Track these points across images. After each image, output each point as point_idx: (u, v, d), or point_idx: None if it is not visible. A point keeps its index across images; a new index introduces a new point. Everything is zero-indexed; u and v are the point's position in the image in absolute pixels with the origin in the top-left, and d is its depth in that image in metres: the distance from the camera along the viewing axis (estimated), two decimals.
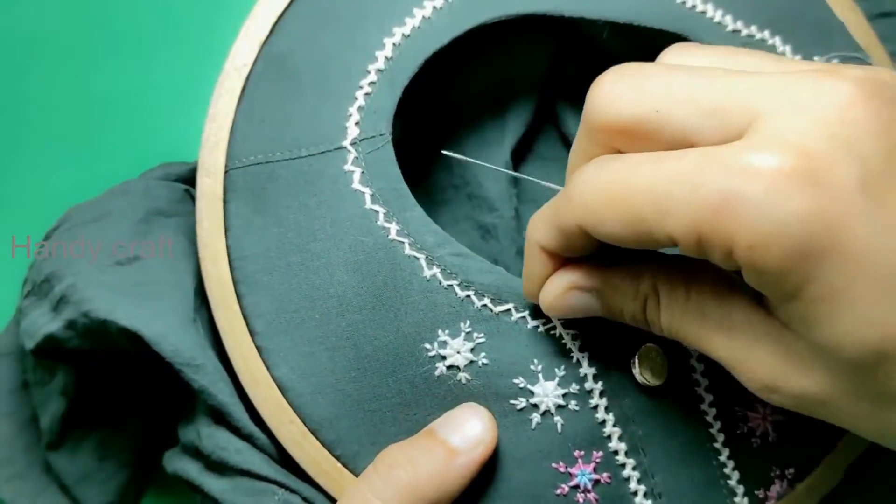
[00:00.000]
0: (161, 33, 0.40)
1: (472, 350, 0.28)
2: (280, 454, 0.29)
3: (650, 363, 0.28)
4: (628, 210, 0.22)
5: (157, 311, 0.29)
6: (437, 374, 0.28)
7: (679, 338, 0.25)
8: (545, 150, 0.40)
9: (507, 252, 0.37)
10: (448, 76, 0.37)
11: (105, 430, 0.33)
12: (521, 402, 0.28)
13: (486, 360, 0.28)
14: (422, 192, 0.38)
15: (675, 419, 0.28)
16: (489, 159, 0.37)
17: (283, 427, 0.28)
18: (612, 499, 0.28)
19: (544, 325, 0.28)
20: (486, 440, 0.27)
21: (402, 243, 0.28)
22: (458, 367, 0.28)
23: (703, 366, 0.28)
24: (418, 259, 0.28)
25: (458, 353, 0.28)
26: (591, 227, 0.23)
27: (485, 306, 0.28)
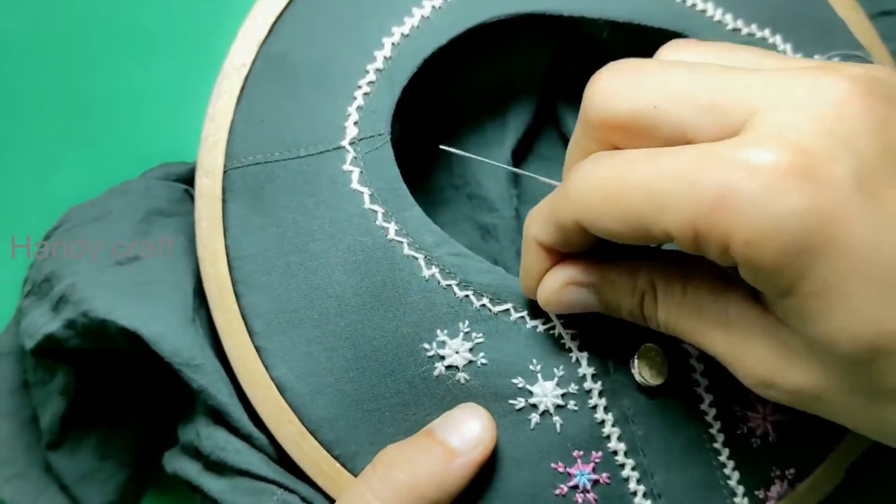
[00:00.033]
0: (160, 33, 0.40)
1: (470, 350, 0.28)
2: (279, 454, 0.29)
3: (650, 363, 0.28)
4: (625, 206, 0.22)
5: (157, 310, 0.29)
6: (436, 374, 0.28)
7: (676, 333, 0.25)
8: (545, 150, 0.40)
9: (506, 252, 0.37)
10: (448, 76, 0.37)
11: (105, 429, 0.33)
12: (520, 402, 0.28)
13: (484, 360, 0.28)
14: (422, 193, 0.38)
15: (674, 419, 0.28)
16: (490, 159, 0.37)
17: (282, 427, 0.28)
18: (612, 499, 0.27)
19: (543, 324, 0.28)
20: (486, 440, 0.27)
21: (401, 243, 0.28)
22: (456, 367, 0.28)
23: (703, 366, 0.28)
24: (417, 259, 0.28)
25: (457, 353, 0.28)
26: (589, 223, 0.23)
27: (483, 306, 0.28)
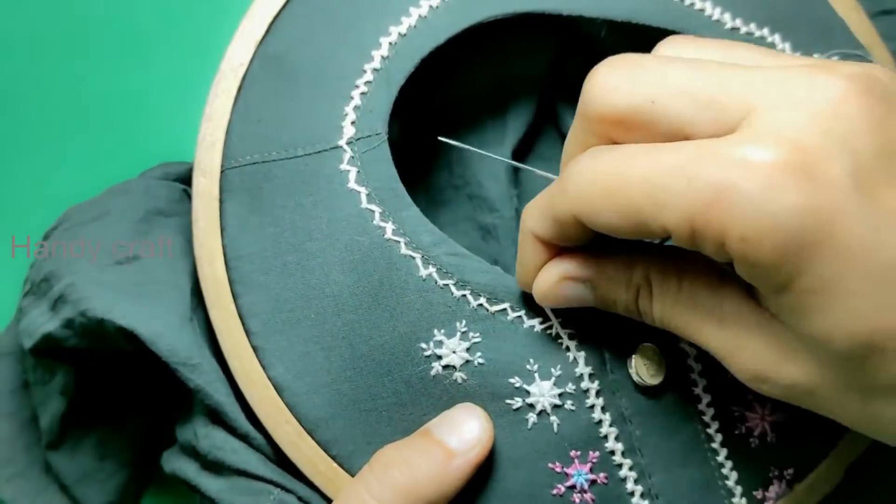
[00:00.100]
0: (159, 33, 0.40)
1: (467, 350, 0.28)
2: (276, 454, 0.29)
3: (647, 362, 0.28)
4: (623, 201, 0.22)
5: (155, 310, 0.29)
6: (433, 373, 0.28)
7: (670, 328, 0.25)
8: (545, 150, 0.40)
9: (507, 253, 0.37)
10: (447, 76, 0.37)
11: (105, 429, 0.34)
12: (518, 402, 0.28)
13: (481, 360, 0.28)
14: (422, 193, 0.38)
15: (672, 419, 0.28)
16: (490, 159, 0.37)
17: (279, 427, 0.28)
18: (609, 499, 0.27)
19: (541, 324, 0.28)
20: (483, 441, 0.27)
21: (398, 243, 0.28)
22: (453, 367, 0.28)
23: (701, 366, 0.28)
24: (414, 258, 0.28)
25: (454, 352, 0.28)
26: (586, 217, 0.23)
27: (481, 306, 0.28)
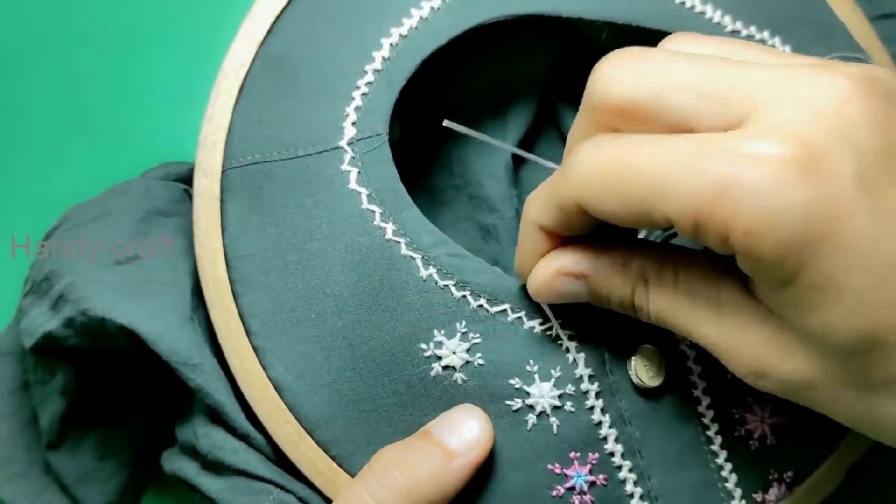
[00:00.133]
0: (160, 33, 0.40)
1: (467, 350, 0.28)
2: (276, 454, 0.29)
3: (647, 364, 0.28)
4: (628, 189, 0.22)
5: (156, 309, 0.29)
6: (433, 374, 0.28)
7: (667, 324, 0.25)
8: (546, 150, 0.40)
9: (507, 253, 0.37)
10: (447, 77, 0.37)
11: (105, 429, 0.33)
12: (517, 403, 0.28)
13: (481, 361, 0.28)
14: (423, 193, 0.38)
15: (672, 421, 0.28)
16: (490, 159, 0.37)
17: (279, 427, 0.28)
18: (609, 501, 0.27)
19: (541, 325, 0.28)
20: (483, 442, 0.27)
21: (399, 243, 0.28)
22: (453, 368, 0.28)
23: (701, 367, 0.28)
24: (414, 259, 0.28)
25: (454, 353, 0.28)
26: (590, 204, 0.23)
27: (481, 307, 0.28)
